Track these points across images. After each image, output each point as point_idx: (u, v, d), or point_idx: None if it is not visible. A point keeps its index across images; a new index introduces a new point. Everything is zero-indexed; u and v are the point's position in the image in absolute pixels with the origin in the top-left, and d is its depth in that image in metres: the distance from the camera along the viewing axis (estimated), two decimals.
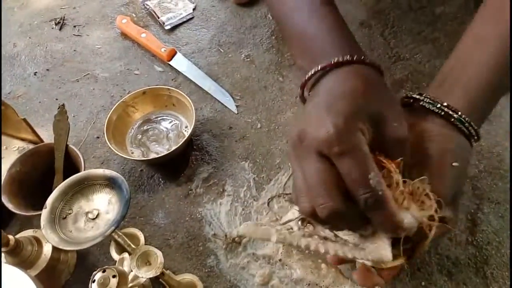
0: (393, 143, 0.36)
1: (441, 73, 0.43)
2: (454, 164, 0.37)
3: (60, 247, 0.47)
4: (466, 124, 0.39)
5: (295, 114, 0.72)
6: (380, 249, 0.34)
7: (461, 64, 0.42)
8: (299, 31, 0.46)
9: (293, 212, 0.43)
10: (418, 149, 0.38)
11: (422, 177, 0.36)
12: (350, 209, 0.34)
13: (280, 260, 0.57)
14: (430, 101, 0.40)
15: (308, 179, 0.35)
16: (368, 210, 0.34)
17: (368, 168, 0.33)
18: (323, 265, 0.56)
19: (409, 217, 0.35)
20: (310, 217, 0.36)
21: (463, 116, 0.39)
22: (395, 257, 0.38)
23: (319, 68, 0.40)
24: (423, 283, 0.54)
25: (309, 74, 0.41)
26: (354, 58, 0.39)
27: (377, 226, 0.35)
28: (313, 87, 0.41)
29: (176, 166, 0.68)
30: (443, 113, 0.39)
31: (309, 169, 0.35)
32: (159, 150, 0.69)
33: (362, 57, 0.40)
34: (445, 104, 0.39)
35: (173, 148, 0.64)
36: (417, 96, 0.41)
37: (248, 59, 0.81)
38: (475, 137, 0.40)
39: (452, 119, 0.39)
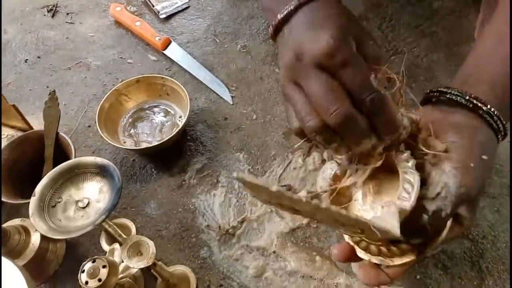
0: (372, 59, 0.37)
1: (463, 71, 0.42)
2: (483, 157, 0.36)
3: (49, 235, 0.45)
4: (495, 118, 0.38)
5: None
6: (389, 219, 0.33)
7: (485, 61, 0.41)
8: None
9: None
10: (446, 140, 0.37)
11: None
12: (358, 114, 0.35)
13: (274, 252, 0.56)
14: (458, 93, 0.39)
15: (313, 94, 0.35)
16: (374, 110, 0.35)
17: (367, 72, 0.35)
18: (317, 258, 0.55)
19: (403, 116, 0.37)
20: (320, 133, 0.36)
21: (492, 109, 0.38)
22: (404, 252, 0.38)
23: (296, 3, 0.40)
24: (418, 277, 0.54)
25: (288, 9, 0.40)
26: None
27: (382, 128, 0.36)
28: (287, 23, 0.41)
29: (170, 157, 0.66)
30: (471, 105, 0.38)
31: (313, 84, 0.35)
32: (152, 140, 0.67)
33: None
34: (473, 96, 0.38)
35: (167, 138, 0.62)
36: (444, 89, 0.40)
37: (244, 50, 0.80)
38: (503, 133, 0.39)
39: (481, 111, 0.38)
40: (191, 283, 0.54)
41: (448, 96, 0.39)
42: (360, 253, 0.39)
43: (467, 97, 0.38)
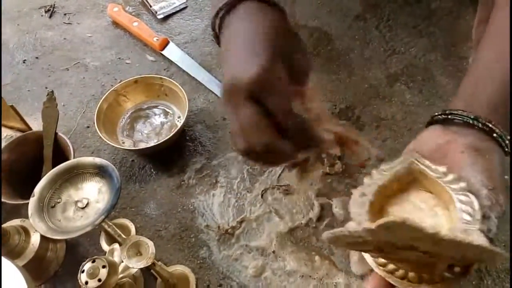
0: (301, 75, 0.41)
1: (464, 89, 0.42)
2: (506, 177, 0.37)
3: (48, 235, 0.45)
4: (507, 141, 0.38)
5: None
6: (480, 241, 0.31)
7: (484, 80, 0.41)
8: None
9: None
10: (466, 161, 0.37)
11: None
12: (281, 141, 0.38)
13: (273, 252, 0.56)
14: (471, 116, 0.39)
15: (242, 122, 0.38)
16: (296, 133, 0.38)
17: (291, 99, 0.38)
18: (316, 257, 0.55)
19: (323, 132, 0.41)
20: (246, 156, 0.40)
21: (503, 132, 0.38)
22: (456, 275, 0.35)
23: (223, 5, 0.41)
24: None
25: (218, 13, 0.42)
26: None
27: (306, 145, 0.40)
28: (222, 26, 0.42)
29: (168, 157, 0.66)
30: (487, 128, 0.38)
31: (242, 113, 0.38)
32: (151, 140, 0.67)
33: None
34: (488, 119, 0.38)
35: (165, 138, 0.62)
36: (455, 111, 0.40)
37: None
38: (509, 153, 0.40)
39: (495, 135, 0.38)
40: (191, 283, 0.54)
41: (462, 119, 0.39)
42: (397, 282, 0.36)
43: (482, 121, 0.38)
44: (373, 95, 0.71)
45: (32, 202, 0.48)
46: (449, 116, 0.40)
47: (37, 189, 0.49)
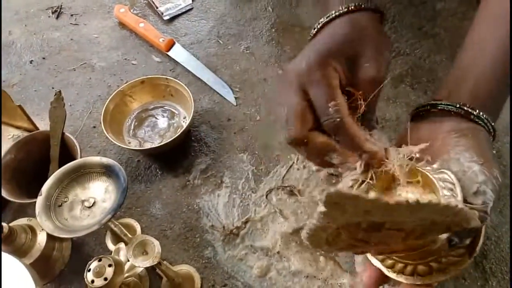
0: (363, 80, 0.40)
1: (447, 82, 0.44)
2: (494, 152, 0.37)
3: (55, 234, 0.46)
4: (485, 121, 0.39)
5: None
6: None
7: (465, 71, 0.43)
8: None
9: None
10: (450, 144, 0.37)
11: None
12: (313, 135, 0.39)
13: (278, 252, 0.56)
14: (448, 103, 0.40)
15: (287, 109, 0.40)
16: (333, 134, 0.39)
17: (329, 97, 0.38)
18: (321, 258, 0.56)
19: (372, 142, 0.39)
20: (290, 144, 0.40)
21: (481, 113, 0.39)
22: (461, 256, 0.36)
23: (321, 23, 0.44)
24: None
25: (315, 28, 0.45)
26: (351, 8, 0.42)
27: (345, 148, 0.39)
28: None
29: (174, 157, 0.67)
30: (463, 112, 0.39)
31: (285, 100, 0.40)
32: (157, 140, 0.68)
33: (361, 3, 0.42)
34: (462, 103, 0.39)
35: (171, 138, 0.63)
36: (433, 102, 0.41)
37: (248, 51, 0.80)
38: (492, 134, 0.40)
39: (472, 116, 0.39)
40: (196, 282, 0.55)
41: (439, 107, 0.41)
42: (408, 279, 0.36)
43: (457, 105, 0.40)
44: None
45: (39, 201, 0.49)
46: (427, 107, 0.42)
47: (44, 188, 0.49)
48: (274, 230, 0.58)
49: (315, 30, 0.45)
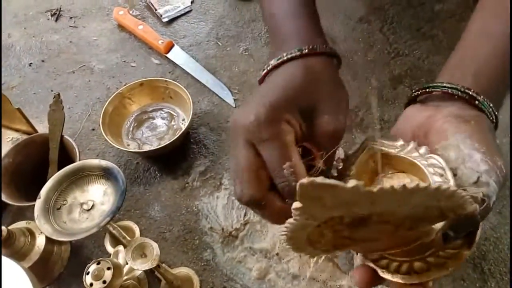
0: (322, 135, 0.37)
1: (448, 64, 0.42)
2: (497, 141, 0.34)
3: (54, 237, 0.46)
4: (490, 109, 0.37)
5: None
6: None
7: (469, 54, 0.41)
8: (268, 11, 0.46)
9: None
10: (450, 130, 0.35)
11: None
12: (271, 197, 0.36)
13: (277, 254, 0.56)
14: (451, 85, 0.37)
15: (236, 165, 0.36)
16: (289, 198, 0.35)
17: (283, 158, 0.34)
18: (320, 260, 0.56)
19: None
20: (241, 203, 0.37)
21: (485, 99, 0.36)
22: (459, 249, 0.33)
23: (271, 65, 0.40)
24: None
25: (265, 69, 0.41)
26: (305, 51, 0.39)
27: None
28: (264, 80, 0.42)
29: (173, 159, 0.67)
30: (467, 96, 0.36)
31: (237, 155, 0.36)
32: (156, 142, 0.68)
33: (316, 46, 0.39)
34: (467, 87, 0.37)
35: (170, 140, 0.63)
36: (434, 84, 0.39)
37: (247, 53, 0.80)
38: (495, 122, 0.38)
39: (477, 102, 0.36)
40: (195, 285, 0.55)
41: (441, 89, 0.38)
42: (405, 278, 0.34)
43: (462, 89, 0.37)
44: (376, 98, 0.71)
45: (38, 204, 0.49)
46: (428, 90, 0.39)
47: (43, 191, 0.49)
48: (273, 232, 0.58)
49: (264, 71, 0.42)
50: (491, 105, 0.36)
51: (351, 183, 0.22)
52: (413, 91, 0.41)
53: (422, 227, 0.31)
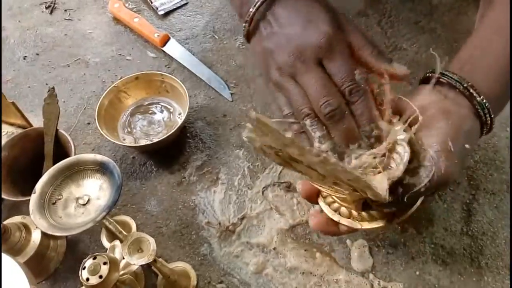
0: (359, 48, 0.42)
1: (460, 56, 0.43)
2: (466, 146, 0.38)
3: (49, 232, 0.45)
4: (485, 111, 0.39)
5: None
6: (379, 184, 0.35)
7: (480, 52, 0.42)
8: None
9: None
10: (433, 122, 0.38)
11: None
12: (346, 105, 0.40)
13: (274, 248, 0.56)
14: (457, 78, 0.40)
15: (310, 87, 0.39)
16: (352, 100, 0.39)
17: (352, 71, 0.40)
18: (317, 254, 0.56)
19: (384, 124, 0.40)
20: (309, 118, 0.40)
21: (484, 100, 0.39)
22: (373, 219, 0.40)
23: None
24: (417, 273, 0.54)
25: (257, 3, 0.43)
26: None
27: (358, 118, 0.40)
28: (265, 18, 0.43)
29: (169, 154, 0.66)
30: (467, 93, 0.39)
31: (311, 79, 0.39)
32: (152, 137, 0.67)
33: None
34: (470, 84, 0.39)
35: (166, 135, 0.62)
36: (445, 72, 0.41)
37: (244, 47, 0.79)
38: (488, 127, 0.40)
39: (475, 102, 0.39)
40: (192, 279, 0.54)
41: (447, 79, 0.40)
42: (330, 213, 0.42)
43: (465, 85, 0.39)
44: None
45: (33, 199, 0.48)
46: (439, 75, 0.42)
47: (38, 186, 0.49)
48: (270, 227, 0.58)
49: (257, 8, 0.43)
50: (487, 106, 0.39)
51: (289, 134, 0.28)
52: (428, 71, 0.44)
53: (344, 188, 0.36)
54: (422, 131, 0.38)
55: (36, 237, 0.54)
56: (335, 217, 0.42)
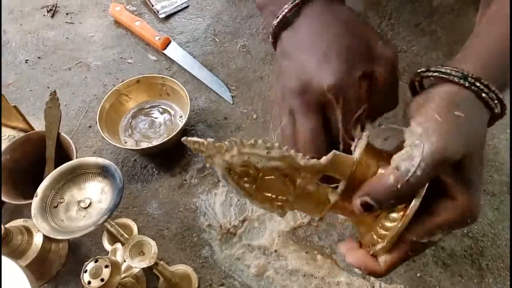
0: (384, 61, 0.36)
1: (454, 59, 0.39)
2: (456, 113, 0.32)
3: (51, 236, 0.46)
4: (478, 83, 0.34)
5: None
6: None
7: (471, 41, 0.39)
8: None
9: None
10: (420, 107, 0.35)
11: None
12: None
13: (275, 251, 0.56)
14: (439, 68, 0.36)
15: (300, 134, 0.37)
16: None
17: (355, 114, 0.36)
18: (318, 256, 0.56)
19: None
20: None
21: (474, 75, 0.34)
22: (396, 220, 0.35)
23: (291, 5, 0.38)
24: (418, 274, 0.54)
25: (283, 12, 0.39)
26: None
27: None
28: (286, 28, 0.39)
29: (170, 156, 0.67)
30: (455, 78, 0.34)
31: (304, 126, 0.36)
32: (153, 140, 0.68)
33: None
34: (455, 68, 0.35)
35: (167, 138, 0.63)
36: (430, 68, 0.37)
37: (244, 49, 0.80)
38: (495, 103, 0.34)
39: (463, 82, 0.34)
40: (193, 282, 0.55)
41: (429, 74, 0.36)
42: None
43: (449, 70, 0.34)
44: None
45: (34, 202, 0.48)
46: (422, 75, 0.38)
47: (40, 189, 0.49)
48: (271, 229, 0.58)
49: (282, 18, 0.39)
50: (485, 82, 0.34)
51: (209, 139, 0.32)
52: (410, 79, 0.40)
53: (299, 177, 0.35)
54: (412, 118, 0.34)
55: (38, 240, 0.54)
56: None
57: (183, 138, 0.34)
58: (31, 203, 0.48)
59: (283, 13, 0.39)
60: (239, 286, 0.55)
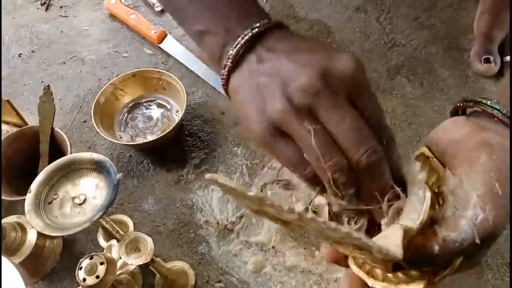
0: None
1: (501, 84, 0.40)
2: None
3: (45, 232, 0.45)
4: None
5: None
6: (391, 240, 0.28)
7: None
8: None
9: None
10: (472, 157, 0.31)
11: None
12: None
13: (273, 247, 0.56)
14: (495, 105, 0.33)
15: (341, 129, 0.31)
16: (367, 170, 0.31)
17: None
18: (316, 252, 0.55)
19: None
20: (341, 173, 0.31)
21: None
22: (412, 279, 0.31)
23: (253, 32, 0.35)
24: None
25: (243, 38, 0.35)
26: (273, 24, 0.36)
27: (369, 192, 0.32)
28: (254, 50, 0.35)
29: (167, 152, 0.66)
30: (507, 120, 0.32)
31: (341, 117, 0.31)
32: (149, 135, 0.67)
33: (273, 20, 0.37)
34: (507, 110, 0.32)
35: (163, 133, 0.62)
36: (479, 99, 0.34)
37: None
38: None
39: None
40: (190, 278, 0.54)
41: (482, 107, 0.33)
42: (364, 276, 0.33)
43: (504, 111, 0.32)
44: (373, 88, 0.70)
45: (28, 198, 0.48)
46: (470, 104, 0.35)
47: (34, 185, 0.48)
48: (269, 225, 0.58)
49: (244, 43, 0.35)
50: None
51: (252, 192, 0.25)
52: (460, 101, 0.36)
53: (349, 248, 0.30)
54: (463, 167, 0.31)
55: (32, 237, 0.53)
56: (369, 282, 0.33)
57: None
58: (24, 199, 0.48)
59: (244, 39, 0.35)
60: (237, 283, 0.54)
